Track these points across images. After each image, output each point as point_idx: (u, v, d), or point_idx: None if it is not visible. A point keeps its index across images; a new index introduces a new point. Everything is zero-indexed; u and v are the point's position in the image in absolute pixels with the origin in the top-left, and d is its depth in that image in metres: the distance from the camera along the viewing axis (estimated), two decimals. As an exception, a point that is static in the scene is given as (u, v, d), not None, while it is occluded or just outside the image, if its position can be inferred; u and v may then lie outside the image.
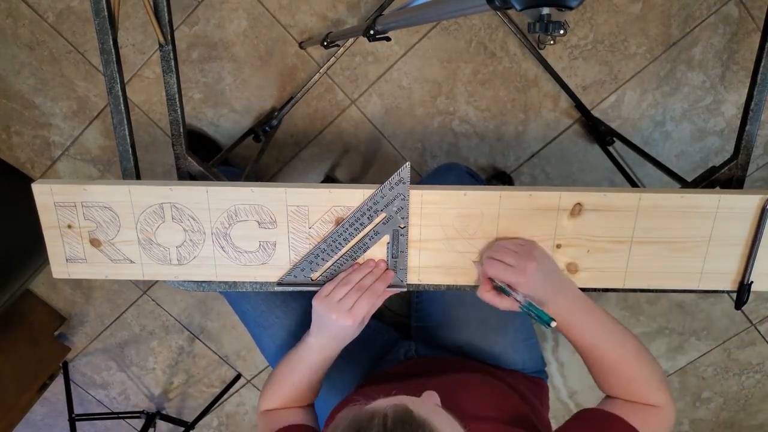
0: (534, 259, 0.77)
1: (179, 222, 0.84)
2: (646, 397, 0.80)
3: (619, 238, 0.83)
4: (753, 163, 1.57)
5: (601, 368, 0.83)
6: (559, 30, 0.56)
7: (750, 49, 1.44)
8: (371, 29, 1.00)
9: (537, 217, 0.82)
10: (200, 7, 1.45)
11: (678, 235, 0.83)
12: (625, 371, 0.81)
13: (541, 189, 0.82)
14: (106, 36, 0.82)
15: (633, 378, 0.81)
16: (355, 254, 0.85)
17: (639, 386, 0.81)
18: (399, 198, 0.81)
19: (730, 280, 0.86)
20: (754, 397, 1.93)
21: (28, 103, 1.56)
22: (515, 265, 0.77)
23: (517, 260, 0.77)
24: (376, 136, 1.57)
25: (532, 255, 0.78)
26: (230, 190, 0.83)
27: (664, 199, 0.81)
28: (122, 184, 0.83)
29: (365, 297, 0.82)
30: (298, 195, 0.82)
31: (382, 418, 0.56)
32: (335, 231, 0.84)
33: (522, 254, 0.78)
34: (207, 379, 1.94)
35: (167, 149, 1.60)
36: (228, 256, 0.86)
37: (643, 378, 0.81)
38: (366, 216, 0.82)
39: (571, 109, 1.51)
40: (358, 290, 0.83)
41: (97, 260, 0.87)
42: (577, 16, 1.42)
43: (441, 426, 0.57)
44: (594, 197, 0.81)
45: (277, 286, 0.88)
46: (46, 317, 1.81)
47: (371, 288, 0.83)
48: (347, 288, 0.83)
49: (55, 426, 2.06)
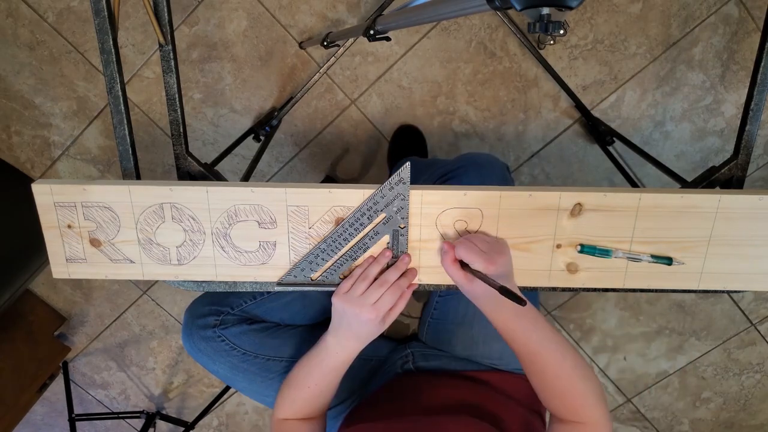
0: (504, 255, 0.79)
1: (179, 222, 0.84)
2: (578, 413, 0.81)
3: (619, 238, 0.83)
4: (753, 163, 1.57)
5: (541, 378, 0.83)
6: (559, 30, 0.56)
7: (750, 49, 1.44)
8: (371, 29, 1.00)
9: (537, 217, 0.82)
10: (200, 7, 1.45)
11: (678, 235, 0.83)
12: (562, 383, 0.81)
13: (541, 189, 0.82)
14: (106, 36, 0.82)
15: (568, 391, 0.81)
16: (355, 254, 0.85)
17: (573, 400, 0.81)
18: (399, 198, 0.81)
19: (731, 280, 0.86)
20: (754, 397, 1.93)
21: (28, 103, 1.56)
22: (487, 252, 0.77)
23: (490, 249, 0.78)
24: (376, 136, 1.57)
25: (503, 251, 0.79)
26: (230, 190, 0.82)
27: (664, 199, 0.81)
28: (122, 184, 0.83)
29: (390, 292, 0.82)
30: (298, 195, 0.82)
31: None
32: (335, 231, 0.83)
33: (496, 246, 0.79)
34: (207, 379, 1.94)
35: (167, 149, 1.60)
36: (228, 256, 0.86)
37: (578, 392, 0.81)
38: (366, 216, 0.82)
39: (571, 109, 1.51)
40: (382, 284, 0.82)
41: (97, 260, 0.87)
42: (577, 16, 1.42)
43: None
44: (594, 197, 0.81)
45: (277, 285, 0.88)
46: (46, 317, 1.81)
47: (396, 284, 0.82)
48: (367, 283, 0.82)
49: (55, 426, 2.06)
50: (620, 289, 0.87)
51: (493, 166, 1.02)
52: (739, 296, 1.75)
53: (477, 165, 1.01)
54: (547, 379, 0.82)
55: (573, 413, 0.81)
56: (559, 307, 1.77)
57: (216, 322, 1.01)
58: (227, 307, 1.02)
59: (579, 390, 0.81)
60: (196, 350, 1.01)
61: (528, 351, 0.82)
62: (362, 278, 0.83)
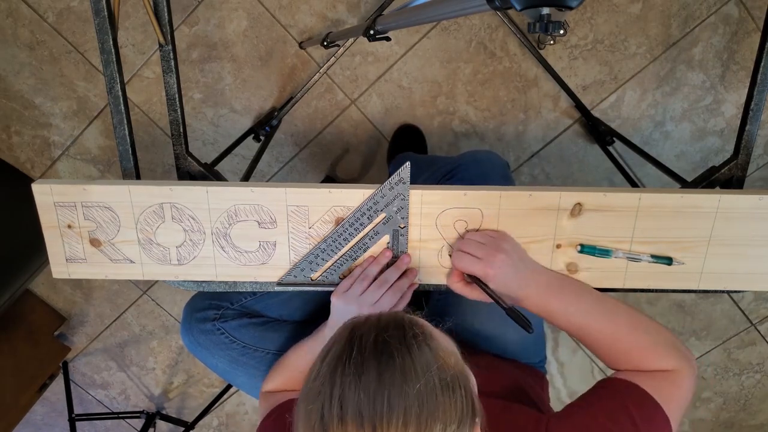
0: (502, 251, 0.77)
1: (179, 222, 0.84)
2: (651, 365, 0.77)
3: (619, 238, 0.83)
4: (753, 163, 1.57)
5: (597, 347, 0.80)
6: (559, 30, 0.56)
7: (750, 49, 1.44)
8: (371, 29, 1.00)
9: (537, 216, 0.82)
10: (200, 7, 1.45)
11: (678, 235, 0.83)
12: (622, 345, 0.78)
13: (541, 189, 0.82)
14: (106, 36, 0.82)
15: (631, 349, 0.78)
16: (355, 254, 0.85)
17: (640, 356, 0.77)
18: (399, 198, 0.81)
19: (731, 280, 0.86)
20: (754, 397, 1.93)
21: (28, 103, 1.56)
22: (483, 258, 0.77)
23: (485, 252, 0.77)
24: (376, 136, 1.57)
25: (500, 247, 0.78)
26: (230, 190, 0.82)
27: (663, 198, 0.81)
28: (122, 184, 0.83)
29: (390, 292, 0.82)
30: (298, 195, 0.82)
31: (376, 318, 0.58)
32: (335, 231, 0.83)
33: (490, 246, 0.78)
34: (207, 379, 1.94)
35: (167, 149, 1.60)
36: (228, 256, 0.86)
37: (642, 347, 0.77)
38: (366, 216, 0.82)
39: (571, 109, 1.51)
40: (382, 284, 0.82)
41: (97, 260, 0.87)
42: (577, 16, 1.42)
43: (435, 331, 0.59)
44: (594, 197, 0.81)
45: (277, 286, 0.88)
46: (46, 317, 1.81)
47: (397, 285, 0.83)
48: (366, 282, 0.82)
49: (55, 426, 2.06)
50: (620, 289, 0.87)
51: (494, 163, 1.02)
52: (739, 296, 1.75)
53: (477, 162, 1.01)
54: (605, 346, 0.79)
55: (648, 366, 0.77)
56: (559, 307, 1.77)
57: (215, 316, 1.00)
58: (227, 302, 1.02)
59: (644, 345, 0.77)
60: (195, 344, 1.01)
61: (573, 327, 0.80)
62: (362, 278, 0.83)
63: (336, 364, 0.56)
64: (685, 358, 0.76)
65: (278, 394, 0.92)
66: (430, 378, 0.54)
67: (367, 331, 0.58)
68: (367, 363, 0.55)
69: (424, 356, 0.56)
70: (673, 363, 0.76)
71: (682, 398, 0.74)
